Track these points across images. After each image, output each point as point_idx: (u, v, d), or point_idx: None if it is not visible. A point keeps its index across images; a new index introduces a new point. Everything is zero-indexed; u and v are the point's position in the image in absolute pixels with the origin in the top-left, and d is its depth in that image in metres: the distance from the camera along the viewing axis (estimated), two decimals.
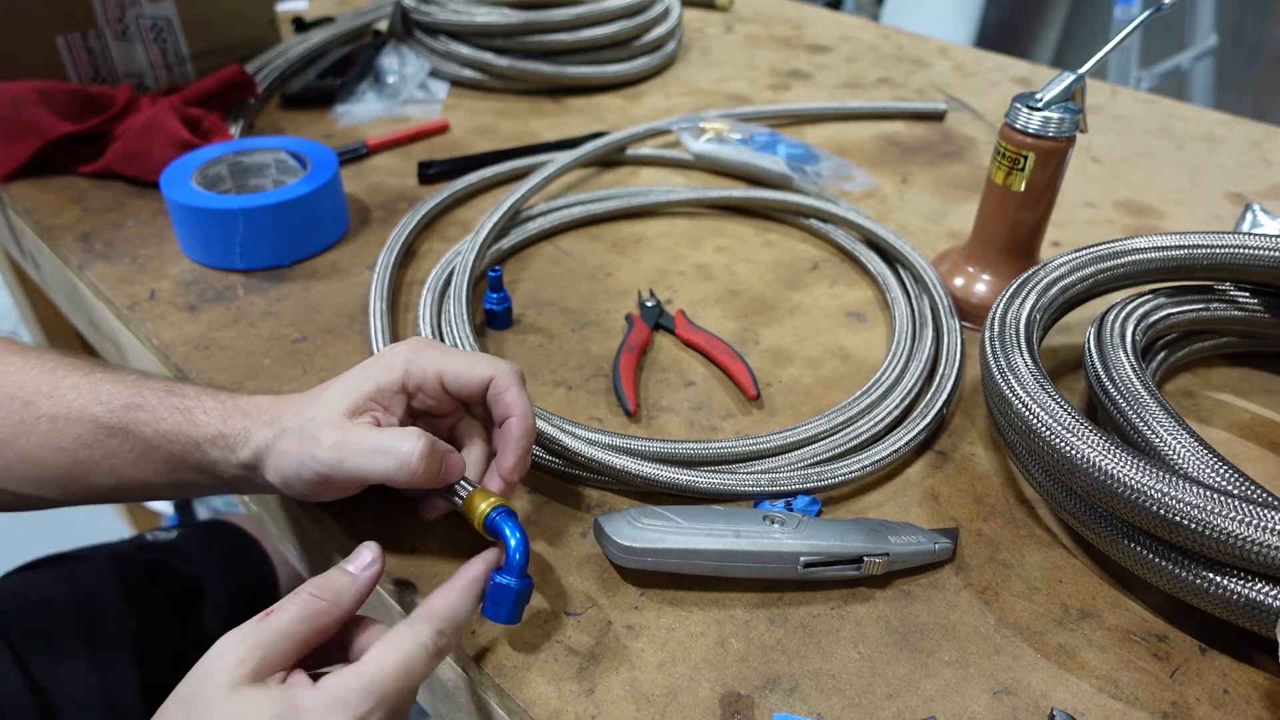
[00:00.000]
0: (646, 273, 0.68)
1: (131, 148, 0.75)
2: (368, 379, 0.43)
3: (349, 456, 0.39)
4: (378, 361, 0.43)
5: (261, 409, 0.43)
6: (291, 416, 0.42)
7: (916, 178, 0.83)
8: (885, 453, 0.50)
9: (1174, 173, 0.85)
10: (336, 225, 0.70)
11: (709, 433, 0.54)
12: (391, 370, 0.43)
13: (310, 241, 0.68)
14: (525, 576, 0.40)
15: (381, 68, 0.97)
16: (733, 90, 1.01)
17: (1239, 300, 0.56)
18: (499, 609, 0.40)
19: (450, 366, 0.43)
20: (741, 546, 0.42)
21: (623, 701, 0.39)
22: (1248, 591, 0.38)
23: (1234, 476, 0.41)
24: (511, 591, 0.39)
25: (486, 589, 0.40)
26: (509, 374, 0.43)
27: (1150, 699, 0.40)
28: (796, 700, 0.39)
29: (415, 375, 0.43)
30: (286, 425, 0.41)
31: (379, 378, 0.43)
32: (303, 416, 0.41)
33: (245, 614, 0.36)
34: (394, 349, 0.44)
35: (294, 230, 0.67)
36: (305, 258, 0.68)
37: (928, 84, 1.04)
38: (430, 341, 0.45)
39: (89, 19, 0.82)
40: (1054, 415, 0.42)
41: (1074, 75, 0.56)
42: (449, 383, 0.43)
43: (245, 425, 0.43)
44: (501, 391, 0.43)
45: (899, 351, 0.58)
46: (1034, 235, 0.61)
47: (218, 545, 0.81)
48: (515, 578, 0.39)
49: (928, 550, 0.45)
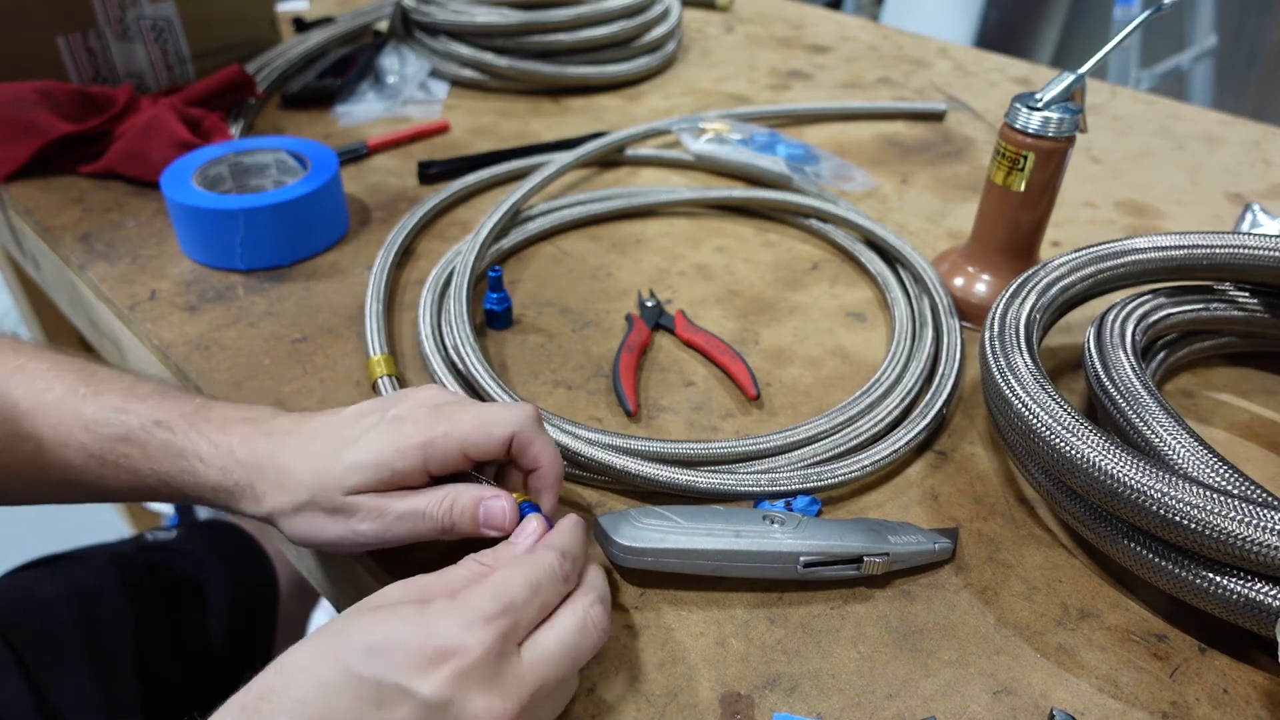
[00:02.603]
0: (646, 273, 0.68)
1: (132, 148, 0.75)
2: (382, 466, 0.40)
3: (390, 527, 0.40)
4: (391, 443, 0.40)
5: (263, 466, 0.41)
6: (304, 478, 0.40)
7: (916, 178, 0.83)
8: (885, 453, 0.50)
9: (1174, 173, 0.85)
10: (337, 225, 0.70)
11: (709, 433, 0.54)
12: (407, 457, 0.40)
13: (311, 241, 0.68)
14: None
15: (381, 68, 0.97)
16: (733, 90, 1.01)
17: (1239, 300, 0.56)
18: None
19: (469, 439, 0.40)
20: (741, 546, 0.42)
21: (623, 701, 0.39)
22: (1248, 591, 0.38)
23: (1234, 476, 0.41)
24: None
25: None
26: (528, 425, 0.41)
27: (1150, 699, 0.40)
28: (796, 700, 0.39)
29: (436, 459, 0.40)
30: (302, 498, 0.40)
31: (394, 464, 0.40)
32: (323, 486, 0.40)
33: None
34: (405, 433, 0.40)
35: (294, 230, 0.67)
36: (306, 258, 0.68)
37: (928, 84, 1.04)
38: (438, 411, 0.41)
39: (89, 19, 0.82)
40: (1054, 415, 0.42)
41: (1074, 75, 0.56)
42: (471, 454, 0.41)
43: (249, 482, 0.41)
44: (525, 446, 0.41)
45: (899, 351, 0.58)
46: (1034, 235, 0.61)
47: (218, 545, 0.81)
48: None
49: (928, 550, 0.45)
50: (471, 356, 0.54)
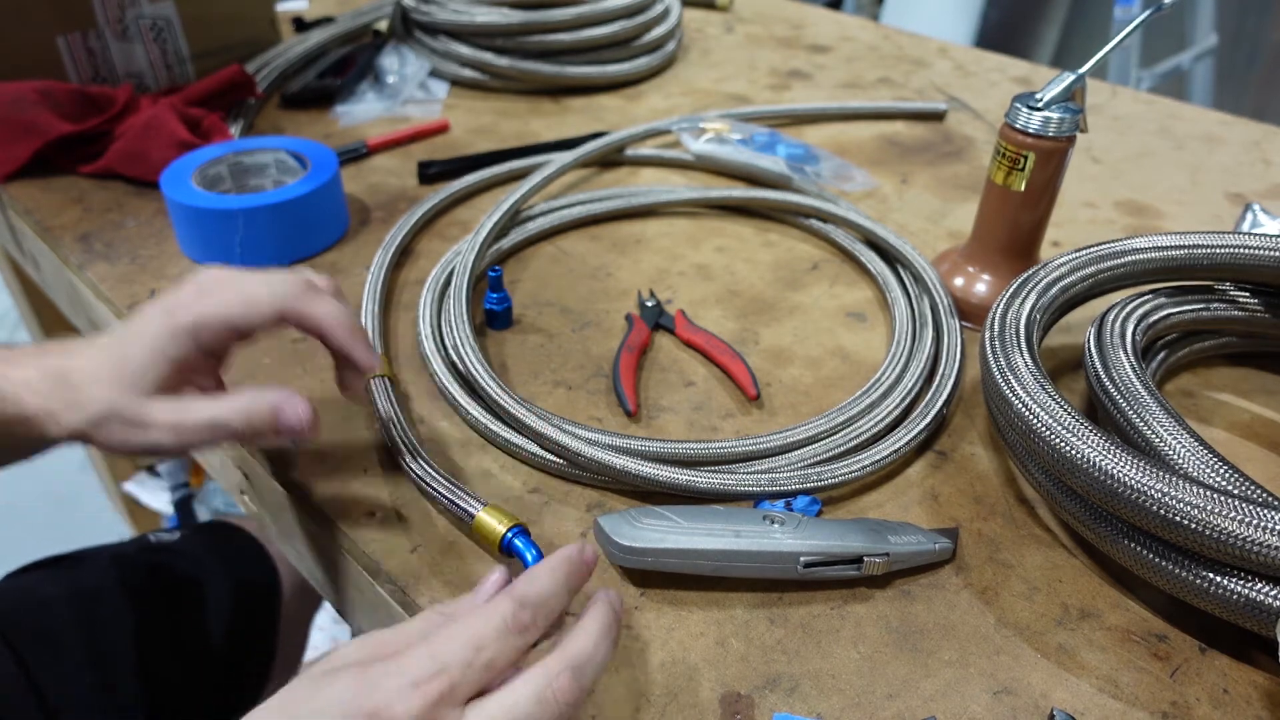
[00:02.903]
0: (646, 273, 0.68)
1: (131, 148, 0.75)
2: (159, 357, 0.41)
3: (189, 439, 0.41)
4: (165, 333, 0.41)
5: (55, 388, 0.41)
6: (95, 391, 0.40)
7: (916, 178, 0.83)
8: (885, 453, 0.50)
9: (1174, 173, 0.85)
10: (336, 225, 0.70)
11: (709, 433, 0.54)
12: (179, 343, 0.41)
13: (310, 241, 0.68)
14: None
15: (381, 68, 0.97)
16: (733, 90, 1.01)
17: (1239, 300, 0.56)
18: None
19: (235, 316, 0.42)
20: (741, 546, 0.42)
21: (623, 701, 0.39)
22: (1248, 591, 0.38)
23: (1234, 476, 0.41)
24: None
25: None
26: (295, 297, 0.42)
27: (1150, 699, 0.40)
28: (796, 700, 0.39)
29: (208, 339, 0.42)
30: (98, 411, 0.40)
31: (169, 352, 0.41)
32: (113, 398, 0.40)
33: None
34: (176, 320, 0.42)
35: (294, 230, 0.67)
36: (305, 257, 0.68)
37: (928, 84, 1.04)
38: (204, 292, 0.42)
39: (89, 19, 0.82)
40: (1054, 415, 0.42)
41: (1074, 75, 0.56)
42: (241, 328, 0.42)
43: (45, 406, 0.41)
44: (300, 316, 0.42)
45: (899, 351, 0.58)
46: (1034, 235, 0.61)
47: (219, 547, 0.81)
48: None
49: (928, 550, 0.45)
50: (471, 356, 0.54)
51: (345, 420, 0.53)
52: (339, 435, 0.52)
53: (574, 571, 0.37)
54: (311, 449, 0.52)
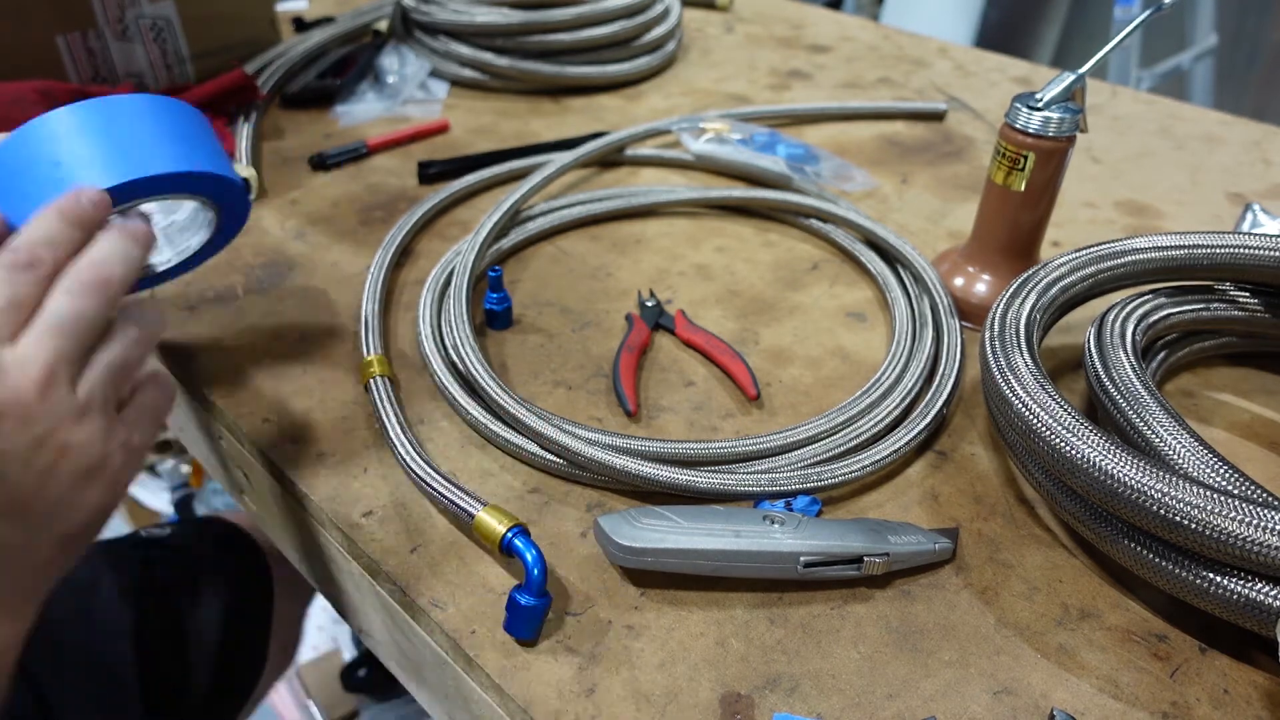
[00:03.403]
0: (646, 273, 0.68)
1: None
2: None
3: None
4: None
5: None
6: None
7: (916, 178, 0.83)
8: (885, 453, 0.50)
9: (1174, 173, 0.85)
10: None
11: (709, 433, 0.54)
12: None
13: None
14: (544, 594, 0.41)
15: (381, 68, 0.97)
16: (733, 90, 1.01)
17: (1239, 300, 0.56)
18: (520, 626, 0.41)
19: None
20: (741, 546, 0.42)
21: (623, 701, 0.39)
22: (1248, 591, 0.38)
23: (1234, 476, 0.41)
24: (532, 610, 0.41)
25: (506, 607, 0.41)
26: None
27: (1150, 699, 0.40)
28: (796, 700, 0.39)
29: None
30: None
31: None
32: None
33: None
34: None
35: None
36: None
37: (928, 84, 1.04)
38: None
39: (89, 19, 0.81)
40: (1054, 415, 0.42)
41: (1074, 75, 0.56)
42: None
43: None
44: None
45: (899, 351, 0.58)
46: (1034, 235, 0.61)
47: (213, 542, 0.81)
48: (535, 596, 0.41)
49: (928, 550, 0.45)
50: (471, 356, 0.54)
51: (345, 420, 0.53)
52: (339, 435, 0.52)
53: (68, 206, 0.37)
54: (312, 449, 0.52)
